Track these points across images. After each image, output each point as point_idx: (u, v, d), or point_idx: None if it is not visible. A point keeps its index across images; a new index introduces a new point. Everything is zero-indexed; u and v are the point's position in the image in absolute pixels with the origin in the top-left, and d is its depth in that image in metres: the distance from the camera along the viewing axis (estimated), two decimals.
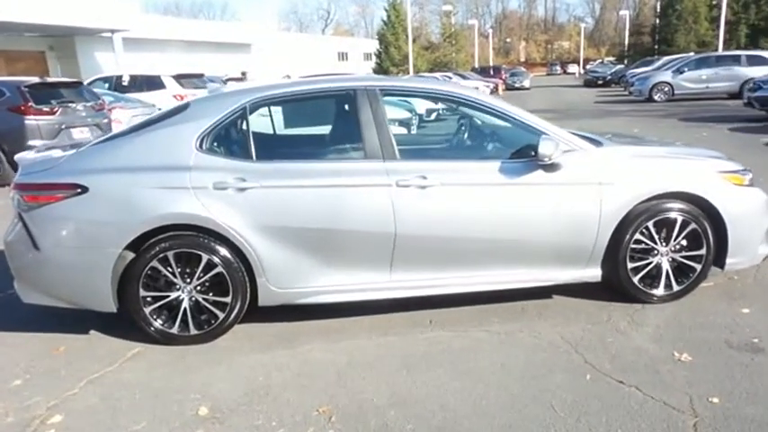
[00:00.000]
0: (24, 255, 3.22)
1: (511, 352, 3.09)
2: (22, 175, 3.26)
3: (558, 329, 3.32)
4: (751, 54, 20.13)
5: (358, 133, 3.32)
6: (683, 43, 35.49)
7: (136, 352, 3.30)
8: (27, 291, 3.33)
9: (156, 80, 14.95)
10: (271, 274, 3.27)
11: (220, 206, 3.17)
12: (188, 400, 2.78)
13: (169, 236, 3.20)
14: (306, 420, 2.57)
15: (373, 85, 3.40)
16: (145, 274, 3.21)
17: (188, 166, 3.20)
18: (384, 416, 2.57)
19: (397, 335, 3.36)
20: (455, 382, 2.82)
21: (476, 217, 3.32)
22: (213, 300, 3.30)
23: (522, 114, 3.42)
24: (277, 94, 3.42)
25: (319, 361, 3.10)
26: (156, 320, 3.28)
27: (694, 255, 3.52)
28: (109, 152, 3.28)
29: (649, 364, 2.88)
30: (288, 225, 3.22)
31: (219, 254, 3.22)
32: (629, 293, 3.54)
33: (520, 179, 3.31)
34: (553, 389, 2.72)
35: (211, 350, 3.28)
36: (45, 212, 3.16)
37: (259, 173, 3.22)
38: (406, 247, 3.30)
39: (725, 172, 3.52)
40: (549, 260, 3.44)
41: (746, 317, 3.35)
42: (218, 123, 3.29)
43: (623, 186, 3.37)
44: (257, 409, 2.69)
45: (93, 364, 3.18)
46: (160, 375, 3.03)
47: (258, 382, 2.92)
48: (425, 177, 3.26)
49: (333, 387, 2.83)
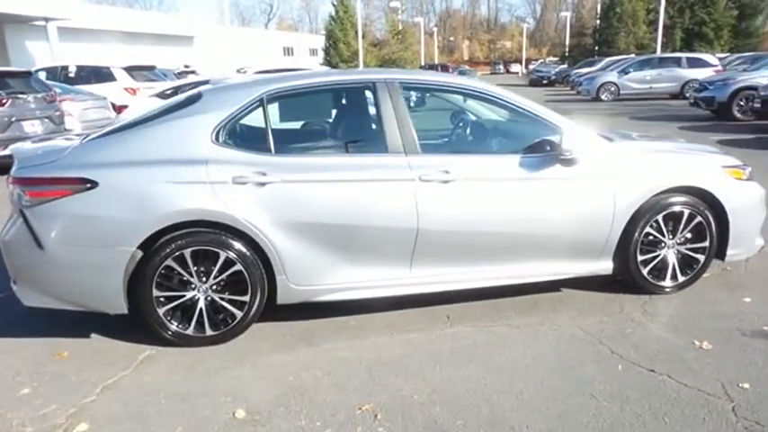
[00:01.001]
0: (26, 254, 3.00)
1: (537, 345, 3.12)
2: (22, 168, 3.04)
3: (576, 322, 3.38)
4: (691, 56, 21.21)
5: (379, 127, 3.26)
6: (623, 45, 36.96)
7: (147, 355, 3.13)
8: (28, 293, 3.10)
9: (104, 72, 14.25)
10: (290, 271, 3.18)
11: (240, 201, 3.05)
12: (220, 404, 2.66)
13: (185, 233, 3.05)
14: (351, 420, 2.51)
15: (393, 78, 3.35)
16: (159, 273, 3.05)
17: (204, 159, 3.06)
18: (430, 412, 2.54)
19: (418, 331, 3.33)
20: (490, 376, 2.82)
21: (496, 211, 3.33)
22: (230, 299, 3.17)
23: (539, 109, 3.46)
24: (294, 86, 3.32)
25: (346, 359, 3.04)
26: (170, 322, 3.13)
27: (698, 247, 3.66)
28: (118, 145, 3.10)
29: (673, 353, 2.98)
30: (308, 221, 3.13)
31: (238, 251, 3.09)
32: (639, 285, 3.64)
33: (539, 173, 3.35)
34: (589, 379, 2.76)
35: (230, 351, 3.15)
36: (50, 209, 2.95)
37: (279, 167, 3.11)
38: (428, 242, 3.27)
39: (728, 167, 3.67)
40: (566, 253, 3.50)
41: (750, 305, 3.51)
42: (235, 115, 3.16)
43: (636, 181, 3.46)
44: (296, 409, 2.60)
45: (104, 368, 3.00)
46: (181, 379, 2.89)
47: (289, 382, 2.83)
48: (448, 172, 3.24)
49: (368, 385, 2.78)
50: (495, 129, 3.56)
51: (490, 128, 3.58)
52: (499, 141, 3.50)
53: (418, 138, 3.28)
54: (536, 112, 3.44)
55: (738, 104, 13.33)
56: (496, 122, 3.54)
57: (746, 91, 13.21)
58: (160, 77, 15.08)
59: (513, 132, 3.51)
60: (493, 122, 3.55)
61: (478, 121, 3.59)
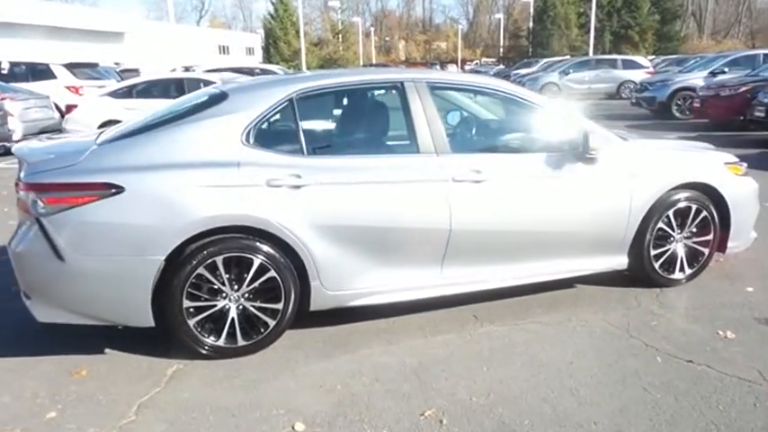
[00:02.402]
0: (44, 267, 2.76)
1: (572, 341, 3.17)
2: (37, 173, 2.79)
3: (601, 316, 3.46)
4: (625, 59, 22.30)
5: (409, 126, 3.22)
6: (557, 47, 38.41)
7: (176, 369, 2.96)
8: (44, 308, 2.86)
9: (42, 69, 13.39)
10: (324, 276, 3.09)
11: (275, 205, 2.94)
12: (274, 417, 2.55)
13: (216, 239, 2.90)
14: (416, 426, 2.46)
15: (421, 78, 3.32)
16: (190, 282, 2.88)
17: (236, 161, 2.93)
18: (493, 414, 2.53)
19: (451, 332, 3.31)
20: (539, 375, 2.84)
21: (524, 210, 3.37)
22: (262, 306, 3.04)
23: (561, 109, 3.52)
24: (322, 85, 3.22)
25: (389, 364, 2.98)
26: (200, 333, 2.97)
27: (703, 240, 3.84)
28: (142, 147, 2.91)
29: (703, 343, 3.10)
30: (342, 224, 3.05)
31: (272, 256, 2.97)
32: (652, 279, 3.78)
33: (563, 171, 3.41)
34: (634, 373, 2.83)
35: (265, 361, 3.02)
36: (71, 217, 2.73)
37: (313, 169, 3.02)
38: (459, 242, 3.26)
39: (728, 163, 3.87)
40: (587, 250, 3.58)
41: (755, 295, 3.72)
42: (265, 115, 3.04)
43: (652, 178, 3.58)
44: (356, 419, 2.53)
45: (131, 385, 2.81)
46: (222, 392, 2.75)
47: (338, 391, 2.75)
48: (479, 171, 3.24)
49: (421, 390, 2.74)
50: (520, 128, 3.60)
51: (515, 127, 3.61)
52: (524, 140, 3.54)
53: (447, 137, 3.26)
54: (559, 112, 3.50)
55: (677, 104, 14.13)
56: (520, 121, 3.58)
57: (684, 91, 14.03)
58: (103, 75, 14.35)
59: (535, 131, 3.55)
60: (517, 122, 3.59)
61: (502, 120, 3.62)
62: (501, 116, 3.60)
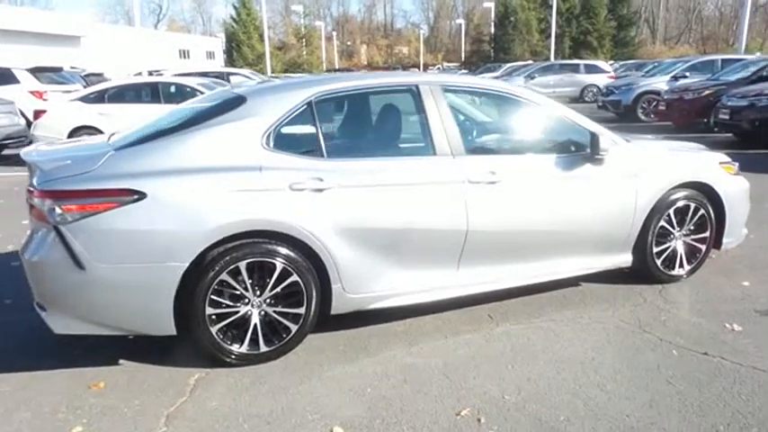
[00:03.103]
0: (62, 276, 2.67)
1: (590, 338, 3.24)
2: (53, 180, 2.70)
3: (610, 313, 3.55)
4: (588, 63, 22.91)
5: (426, 129, 3.25)
6: (519, 52, 39.17)
7: (198, 378, 2.90)
8: (62, 319, 2.76)
9: (4, 73, 12.87)
10: (345, 279, 3.08)
11: (298, 209, 2.91)
12: (311, 423, 2.52)
13: (239, 244, 2.86)
14: (456, 426, 2.48)
15: (435, 81, 3.35)
16: (212, 289, 2.83)
17: (258, 165, 2.90)
18: (528, 411, 2.57)
19: (470, 332, 3.34)
20: (564, 371, 2.90)
21: (537, 210, 3.43)
22: (284, 311, 3.01)
23: (569, 112, 3.61)
24: (340, 88, 3.22)
25: (414, 365, 2.99)
26: (223, 340, 2.91)
27: (701, 237, 3.98)
28: (162, 152, 2.84)
29: (714, 336, 3.22)
30: (363, 226, 3.05)
31: (294, 261, 2.95)
32: (654, 275, 3.89)
33: (573, 172, 3.49)
34: (655, 367, 2.92)
35: (288, 367, 2.99)
36: (92, 224, 2.65)
37: (334, 172, 3.01)
38: (475, 243, 3.30)
39: (722, 163, 4.02)
40: (596, 248, 3.67)
41: (751, 288, 3.87)
42: (285, 118, 3.02)
43: (654, 177, 3.70)
44: (393, 421, 2.53)
45: (154, 396, 2.74)
46: (251, 400, 2.70)
47: (368, 393, 2.74)
48: (494, 173, 3.29)
49: (452, 390, 2.75)
50: (531, 130, 3.66)
51: (526, 130, 3.67)
52: (534, 142, 3.61)
53: (461, 139, 3.30)
54: (568, 115, 3.59)
55: (642, 107, 14.60)
56: (530, 124, 3.64)
57: (649, 95, 14.50)
58: (68, 80, 13.91)
59: (545, 133, 3.63)
60: (528, 124, 3.65)
61: (512, 123, 3.68)
62: (511, 118, 3.65)
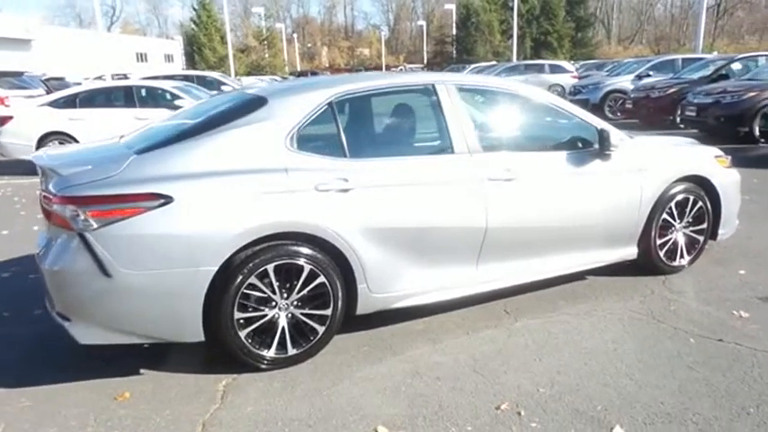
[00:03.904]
0: (88, 285, 2.59)
1: (608, 329, 3.32)
2: (75, 185, 2.61)
3: (622, 305, 3.64)
4: (552, 63, 23.37)
5: (445, 127, 3.28)
6: (481, 52, 39.72)
7: (226, 383, 2.85)
8: (88, 329, 2.68)
9: None
10: (371, 279, 3.08)
11: (325, 210, 2.90)
12: (352, 424, 2.51)
13: (266, 247, 2.82)
14: (498, 420, 2.51)
15: (450, 80, 3.39)
16: (241, 292, 2.79)
17: (283, 167, 2.87)
18: (564, 402, 2.62)
19: (490, 328, 3.38)
20: (591, 362, 2.96)
21: (551, 206, 3.50)
22: (311, 313, 2.99)
23: (577, 109, 3.69)
24: (358, 88, 3.21)
25: (444, 363, 3.00)
26: (251, 345, 2.87)
27: (699, 229, 4.12)
28: (185, 155, 2.79)
29: (724, 323, 3.34)
30: (387, 226, 3.06)
31: (321, 262, 2.93)
32: (657, 267, 4.02)
33: (583, 168, 3.57)
34: (676, 354, 3.01)
35: (317, 369, 2.97)
36: (118, 230, 2.58)
37: (358, 172, 3.01)
38: (494, 240, 3.35)
39: (717, 156, 4.18)
40: (605, 242, 3.77)
41: (748, 276, 4.03)
42: (307, 119, 3.00)
43: (657, 172, 3.82)
44: (434, 418, 2.54)
45: (185, 404, 2.68)
46: (286, 404, 2.67)
47: (404, 392, 2.75)
48: (510, 170, 3.34)
49: (486, 384, 2.78)
50: (542, 127, 3.73)
51: (537, 126, 3.75)
52: (547, 139, 3.69)
53: (477, 137, 3.34)
54: (577, 113, 3.67)
55: (609, 105, 15.01)
56: (541, 121, 3.72)
57: (615, 93, 14.93)
58: (30, 84, 13.43)
59: (557, 130, 3.70)
60: (539, 122, 3.72)
61: (524, 120, 3.74)
62: (523, 116, 3.71)
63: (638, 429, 2.41)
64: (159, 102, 9.81)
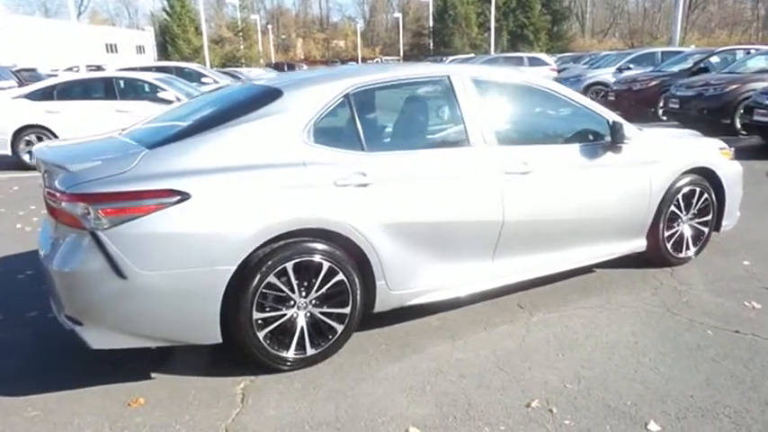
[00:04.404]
0: (101, 287, 2.46)
1: (626, 323, 3.30)
2: (86, 182, 2.47)
3: (634, 297, 3.64)
4: (531, 56, 23.47)
5: (461, 119, 3.21)
6: (459, 45, 39.75)
7: (244, 386, 2.76)
8: (101, 333, 2.55)
9: None
10: (389, 276, 3.00)
11: (344, 205, 2.82)
12: (382, 426, 2.44)
13: (284, 244, 2.73)
14: (531, 417, 2.46)
15: (465, 71, 3.32)
16: (260, 292, 2.69)
17: (301, 161, 2.77)
18: (594, 398, 2.58)
19: (507, 323, 3.34)
20: (614, 357, 2.94)
21: (566, 199, 3.47)
22: (329, 312, 2.90)
23: (589, 102, 3.66)
24: (374, 80, 3.12)
25: (466, 360, 2.95)
26: (270, 345, 2.78)
27: (704, 220, 4.14)
28: (200, 150, 2.67)
29: (738, 314, 3.35)
30: (406, 220, 2.99)
31: (340, 259, 2.85)
32: (665, 259, 4.03)
33: (597, 161, 3.55)
34: (696, 347, 3.01)
35: (337, 370, 2.89)
36: (133, 229, 2.45)
37: (376, 165, 2.93)
38: (510, 234, 3.30)
39: (721, 148, 4.20)
40: (616, 234, 3.75)
41: (754, 267, 4.07)
42: (324, 112, 2.90)
43: (666, 164, 3.81)
44: (465, 417, 2.48)
45: (206, 409, 2.58)
46: (310, 406, 2.59)
47: (429, 391, 2.68)
48: (526, 163, 3.30)
49: (512, 382, 2.74)
50: (556, 119, 3.70)
51: (551, 119, 3.71)
52: (561, 131, 3.65)
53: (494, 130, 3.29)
54: (589, 106, 3.64)
55: (590, 98, 15.04)
56: (555, 114, 3.68)
57: (597, 86, 15.07)
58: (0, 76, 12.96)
59: (571, 123, 3.67)
60: (551, 114, 3.69)
61: (539, 113, 3.70)
62: (537, 109, 3.67)
63: (672, 424, 2.39)
64: (141, 94, 9.55)
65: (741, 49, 13.53)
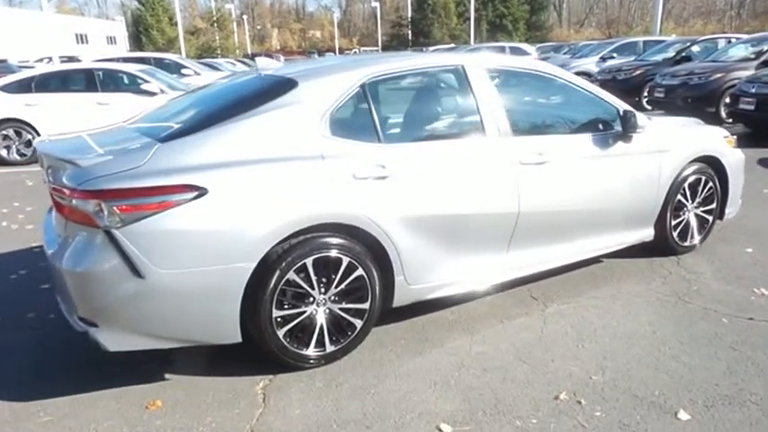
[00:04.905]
0: (117, 287, 2.36)
1: (641, 312, 3.30)
2: (99, 178, 2.36)
3: (644, 287, 3.64)
4: (512, 46, 23.50)
5: (476, 110, 3.16)
6: (438, 35, 39.67)
7: (264, 385, 2.69)
8: (117, 335, 2.45)
9: None
10: (408, 270, 2.95)
11: (363, 198, 2.75)
12: (411, 422, 2.39)
13: (304, 240, 2.65)
14: (560, 410, 2.44)
15: (479, 60, 3.27)
16: (279, 289, 2.62)
17: (319, 153, 2.70)
18: (620, 389, 2.57)
19: (522, 315, 3.31)
20: (634, 347, 2.93)
21: (580, 189, 3.45)
22: (349, 308, 2.84)
23: (602, 91, 3.64)
24: (388, 70, 3.05)
25: (486, 353, 2.92)
26: (290, 344, 2.71)
27: (708, 209, 4.17)
28: (215, 142, 2.57)
29: (749, 301, 3.38)
30: (425, 213, 2.94)
31: (359, 253, 2.79)
32: (670, 247, 4.04)
33: (609, 150, 3.53)
34: (713, 335, 3.02)
35: (358, 366, 2.83)
36: (149, 226, 2.36)
37: (394, 157, 2.87)
38: (525, 225, 3.27)
39: (725, 136, 4.22)
40: (627, 224, 3.75)
41: (757, 255, 4.11)
42: (340, 102, 2.83)
43: (675, 153, 3.82)
44: (494, 411, 2.45)
45: (228, 410, 2.51)
46: (335, 404, 2.53)
47: (454, 386, 2.64)
48: (541, 153, 3.26)
49: (536, 375, 2.71)
50: (569, 109, 3.66)
51: (564, 108, 3.67)
52: (574, 121, 3.62)
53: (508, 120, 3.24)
54: (601, 95, 3.62)
55: None
56: (568, 103, 3.65)
57: (581, 75, 15.08)
58: None
59: (583, 112, 3.64)
60: (564, 103, 3.65)
61: (552, 103, 3.66)
62: (551, 98, 3.64)
63: (702, 413, 2.39)
64: (123, 86, 9.31)
65: (722, 38, 13.71)
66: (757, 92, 8.47)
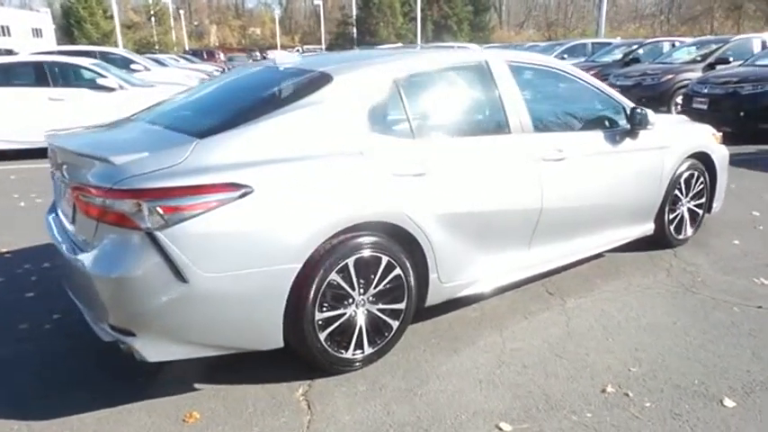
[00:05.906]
0: (159, 292, 2.20)
1: (655, 304, 3.39)
2: (137, 176, 2.19)
3: (652, 279, 3.75)
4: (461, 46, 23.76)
5: (500, 106, 3.16)
6: (384, 34, 39.77)
7: (304, 391, 2.59)
8: (158, 345, 2.29)
9: None
10: (441, 268, 2.92)
11: (402, 196, 2.70)
12: (469, 423, 2.36)
13: (345, 239, 2.57)
14: (611, 402, 2.46)
15: (501, 56, 3.27)
16: (322, 291, 2.52)
17: (358, 150, 2.62)
18: (660, 380, 2.62)
19: (544, 311, 3.34)
20: (661, 338, 3.00)
21: (594, 185, 3.52)
22: (386, 308, 2.77)
23: (610, 89, 3.72)
24: (416, 65, 3.00)
25: (521, 350, 2.91)
26: (330, 347, 2.62)
27: (700, 203, 4.34)
28: (256, 139, 2.45)
29: (752, 291, 3.53)
30: (459, 210, 2.91)
31: (397, 252, 2.73)
32: (667, 241, 4.18)
33: (620, 146, 3.62)
34: (730, 324, 3.13)
35: (396, 368, 2.77)
36: (193, 227, 2.21)
37: (429, 153, 2.83)
38: (546, 221, 3.30)
39: (713, 134, 4.41)
40: (633, 218, 3.86)
41: (745, 246, 4.31)
42: (377, 98, 2.77)
43: (675, 148, 3.95)
44: (549, 408, 2.44)
45: (273, 419, 2.40)
46: (384, 408, 2.46)
47: (500, 383, 2.63)
48: (561, 150, 3.30)
49: (577, 369, 2.73)
50: (584, 106, 3.71)
51: (579, 106, 3.71)
52: (588, 118, 3.68)
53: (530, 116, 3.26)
54: (610, 93, 3.70)
55: None
56: (582, 101, 3.70)
57: None
58: None
59: (596, 109, 3.70)
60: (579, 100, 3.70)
61: (568, 100, 3.70)
62: (567, 95, 3.68)
63: (744, 399, 2.47)
64: (77, 81, 8.79)
65: (666, 41, 14.38)
66: (709, 92, 8.93)
